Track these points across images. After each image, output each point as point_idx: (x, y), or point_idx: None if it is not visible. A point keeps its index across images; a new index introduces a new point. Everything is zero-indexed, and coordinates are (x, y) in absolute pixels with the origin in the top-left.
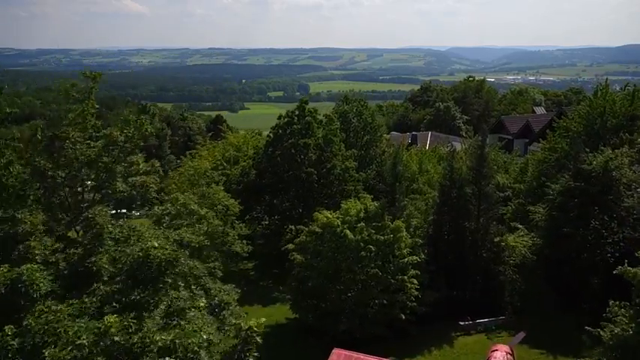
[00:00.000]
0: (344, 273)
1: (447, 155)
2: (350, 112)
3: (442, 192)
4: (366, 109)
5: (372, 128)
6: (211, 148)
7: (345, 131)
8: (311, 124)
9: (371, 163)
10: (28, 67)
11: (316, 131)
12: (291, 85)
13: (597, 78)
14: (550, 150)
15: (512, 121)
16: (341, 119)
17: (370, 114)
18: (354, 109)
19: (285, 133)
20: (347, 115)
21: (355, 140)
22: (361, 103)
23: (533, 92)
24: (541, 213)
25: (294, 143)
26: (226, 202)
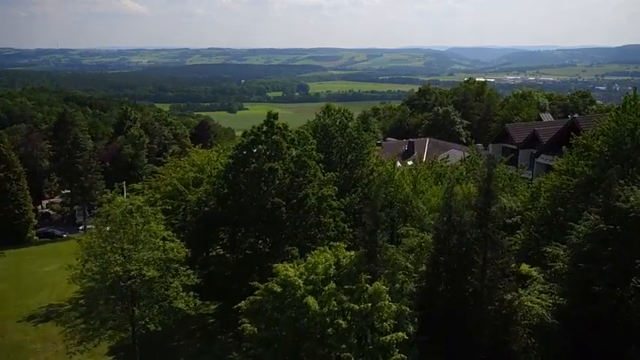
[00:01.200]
0: (305, 357)
1: (445, 191)
2: (332, 125)
3: (438, 238)
4: (351, 121)
5: (357, 144)
6: (172, 168)
7: (325, 149)
8: (280, 144)
9: (356, 185)
10: (27, 67)
11: (287, 152)
12: (290, 86)
13: (597, 78)
14: (567, 173)
15: (518, 129)
16: (321, 134)
17: (356, 127)
18: (336, 121)
19: (249, 155)
20: (328, 129)
21: (338, 158)
22: (345, 114)
23: (538, 96)
24: (562, 260)
25: (259, 168)
26: (169, 246)
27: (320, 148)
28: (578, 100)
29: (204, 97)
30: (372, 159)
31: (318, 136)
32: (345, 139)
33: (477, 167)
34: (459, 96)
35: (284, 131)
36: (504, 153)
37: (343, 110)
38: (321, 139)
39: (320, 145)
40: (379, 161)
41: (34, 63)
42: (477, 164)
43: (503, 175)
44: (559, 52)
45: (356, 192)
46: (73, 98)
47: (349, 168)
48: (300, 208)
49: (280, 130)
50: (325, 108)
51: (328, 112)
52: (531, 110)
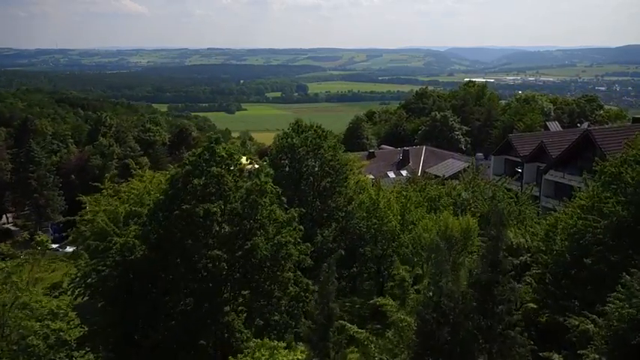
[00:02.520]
0: None
1: (433, 265)
2: (301, 146)
3: (422, 331)
4: (326, 139)
5: (333, 168)
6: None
7: (293, 175)
8: (222, 179)
9: (331, 218)
10: (26, 68)
11: (233, 189)
12: (289, 86)
13: (597, 78)
14: (592, 210)
15: (523, 140)
16: (288, 157)
17: (331, 146)
18: (307, 141)
19: (182, 192)
20: (296, 151)
21: (310, 186)
22: (318, 132)
23: (542, 100)
24: (597, 345)
25: (190, 210)
26: (55, 326)
27: (286, 175)
28: (585, 105)
29: (203, 98)
30: (351, 184)
31: (284, 160)
32: (317, 162)
33: (478, 188)
34: (458, 100)
35: (229, 160)
36: (507, 166)
37: (316, 127)
38: (288, 162)
39: (286, 171)
40: (361, 186)
41: (34, 63)
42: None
43: (509, 200)
44: (559, 52)
45: (330, 227)
46: (66, 99)
47: (323, 197)
48: (246, 262)
49: (224, 159)
50: (294, 124)
51: (297, 129)
52: (535, 116)
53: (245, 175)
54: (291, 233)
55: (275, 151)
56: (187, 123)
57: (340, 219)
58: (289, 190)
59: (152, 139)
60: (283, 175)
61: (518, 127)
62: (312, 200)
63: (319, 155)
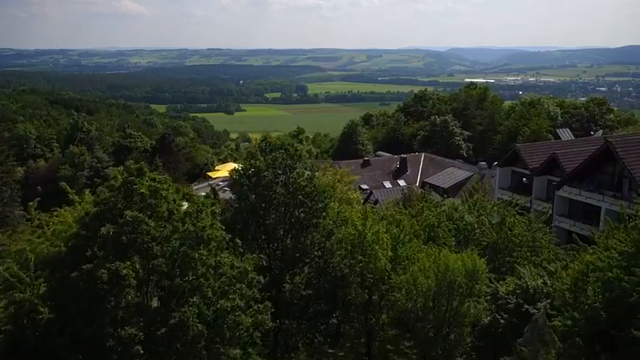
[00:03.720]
0: None
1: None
2: (268, 169)
3: None
4: (300, 160)
5: (309, 195)
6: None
7: (258, 205)
8: (140, 226)
9: (305, 257)
10: (25, 68)
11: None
12: (289, 86)
13: (598, 79)
14: (633, 259)
15: (532, 150)
16: (252, 182)
17: (308, 170)
18: (277, 162)
19: (90, 242)
20: (261, 176)
21: (280, 218)
22: (290, 151)
23: (548, 104)
24: None
25: (92, 272)
26: None
27: (250, 206)
28: (594, 109)
29: (202, 99)
30: (332, 214)
31: (247, 186)
32: (289, 188)
33: (484, 211)
34: (458, 103)
35: (157, 199)
36: (514, 179)
37: (288, 144)
38: (253, 189)
39: (251, 200)
40: (343, 217)
41: (33, 63)
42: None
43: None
44: (559, 52)
45: (304, 270)
46: (61, 100)
47: (295, 231)
48: (172, 341)
49: (144, 198)
50: (261, 141)
51: (265, 148)
52: (541, 120)
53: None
54: (242, 292)
55: (237, 177)
56: (183, 124)
57: (317, 258)
58: (253, 224)
59: (132, 145)
60: (246, 206)
61: (523, 133)
62: (282, 236)
63: (291, 180)
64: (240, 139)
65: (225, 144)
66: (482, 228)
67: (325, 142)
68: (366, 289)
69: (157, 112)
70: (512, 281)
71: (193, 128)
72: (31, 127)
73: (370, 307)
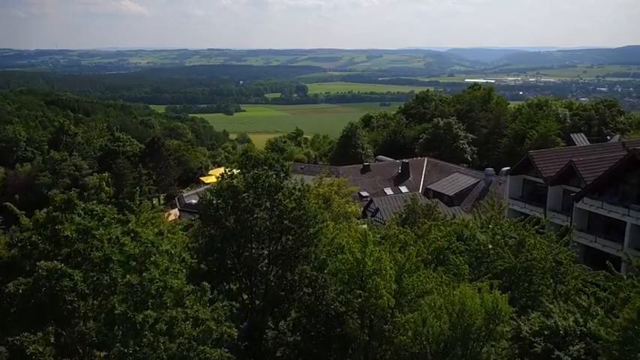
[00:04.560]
0: None
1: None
2: (249, 189)
3: None
4: (288, 177)
5: (297, 220)
6: None
7: (236, 233)
8: (60, 281)
9: (293, 293)
10: (25, 68)
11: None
12: (289, 87)
13: (598, 79)
14: None
15: (546, 158)
16: (229, 205)
17: (296, 189)
18: (260, 179)
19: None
20: (238, 198)
21: (265, 246)
22: (275, 166)
23: (556, 105)
24: None
25: None
26: None
27: (227, 233)
28: (604, 111)
29: (202, 99)
30: (325, 240)
31: (222, 210)
32: (274, 212)
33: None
34: (462, 105)
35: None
36: (526, 188)
37: (273, 159)
38: (230, 213)
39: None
40: (339, 243)
41: (33, 64)
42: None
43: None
44: (559, 52)
45: (290, 311)
46: (58, 101)
47: (282, 263)
48: None
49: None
50: (241, 156)
51: (245, 164)
52: (550, 123)
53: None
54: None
55: (210, 198)
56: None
57: (307, 295)
58: (230, 255)
59: (121, 149)
60: (222, 233)
61: (530, 136)
62: (265, 269)
63: (276, 202)
64: (238, 140)
65: (223, 146)
66: (498, 250)
67: (324, 144)
68: (366, 330)
69: (155, 112)
70: (538, 319)
71: (192, 129)
72: (21, 129)
73: (370, 350)
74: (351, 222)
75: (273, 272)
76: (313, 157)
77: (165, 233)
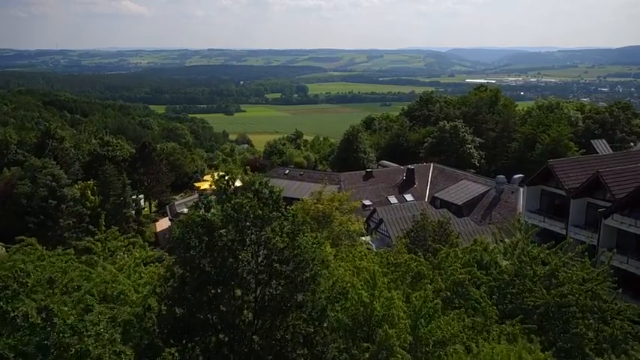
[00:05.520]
0: None
1: None
2: (228, 223)
3: None
4: (277, 207)
5: (289, 261)
6: None
7: (212, 279)
8: None
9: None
10: (25, 68)
11: None
12: (289, 87)
13: (600, 79)
14: None
15: (567, 167)
16: (204, 244)
17: (289, 220)
18: (243, 210)
19: None
20: (219, 235)
21: (249, 295)
22: (264, 193)
23: (568, 108)
24: None
25: None
26: None
27: (200, 280)
28: (618, 114)
29: (202, 99)
30: (324, 284)
31: (196, 249)
32: (260, 252)
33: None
34: (468, 107)
35: None
36: (545, 200)
37: (260, 184)
38: (205, 254)
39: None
40: (342, 287)
41: (33, 64)
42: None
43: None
44: (560, 53)
45: None
46: (56, 102)
47: (270, 316)
48: None
49: None
50: (218, 179)
51: (223, 189)
52: (562, 127)
53: None
54: None
55: (182, 233)
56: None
57: (302, 358)
58: (205, 306)
59: (110, 154)
60: (196, 279)
61: (542, 141)
62: (249, 325)
63: (263, 239)
64: (238, 141)
65: (222, 147)
66: (526, 281)
67: (324, 146)
68: None
69: (154, 113)
70: None
71: (191, 130)
72: (12, 131)
73: None
74: (355, 242)
75: (259, 325)
76: (313, 161)
77: (129, 267)
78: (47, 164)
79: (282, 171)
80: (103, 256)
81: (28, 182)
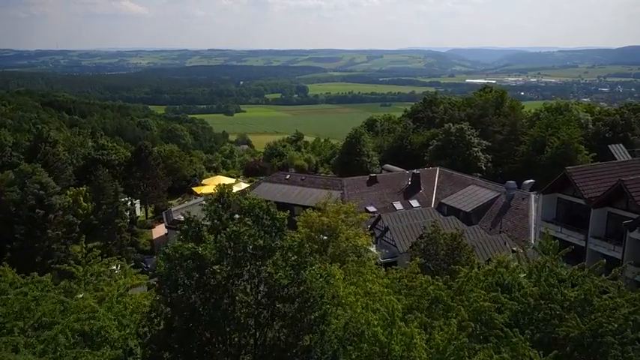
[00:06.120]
0: None
1: None
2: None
3: None
4: (281, 234)
5: (294, 299)
6: None
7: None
8: None
9: None
10: (25, 69)
11: None
12: (289, 87)
13: (600, 80)
14: None
15: (586, 175)
16: (194, 282)
17: (294, 250)
18: (240, 240)
19: None
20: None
21: (247, 339)
22: (265, 220)
23: (577, 110)
24: None
25: None
26: None
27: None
28: (629, 116)
29: (202, 99)
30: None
31: (184, 286)
32: (260, 290)
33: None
34: (474, 109)
35: None
36: (561, 209)
37: (260, 208)
38: (193, 292)
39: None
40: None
41: (33, 64)
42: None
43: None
44: (560, 53)
45: None
46: (55, 102)
47: None
48: None
49: None
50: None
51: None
52: (572, 129)
53: None
54: None
55: (166, 271)
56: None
57: None
58: (195, 353)
59: (105, 158)
60: (185, 321)
61: (551, 144)
62: None
63: (264, 276)
64: (238, 141)
65: (221, 149)
66: (555, 307)
67: (325, 148)
68: None
69: (154, 113)
70: None
71: (190, 131)
72: (7, 133)
73: None
74: (362, 258)
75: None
76: (314, 164)
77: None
78: (36, 170)
79: (283, 176)
80: (84, 281)
81: (17, 189)
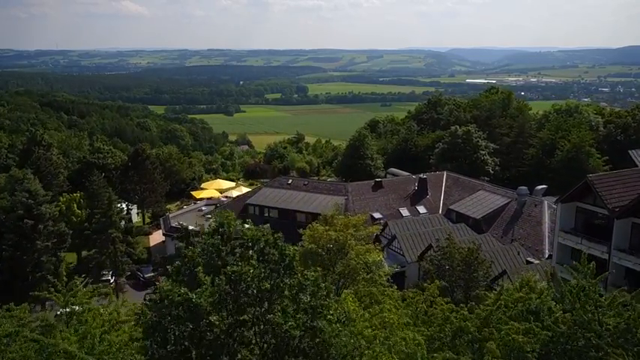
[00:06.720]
0: None
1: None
2: (221, 308)
3: None
4: (291, 272)
5: (312, 350)
6: None
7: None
8: None
9: None
10: (25, 69)
11: None
12: (289, 87)
13: (600, 80)
14: None
15: (609, 183)
16: (188, 331)
17: (306, 292)
18: (242, 286)
19: None
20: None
21: None
22: (271, 255)
23: (588, 111)
24: None
25: None
26: None
27: None
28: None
29: (202, 100)
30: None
31: (176, 336)
32: (266, 341)
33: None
34: (481, 110)
35: None
36: (580, 219)
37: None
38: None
39: None
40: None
41: (33, 64)
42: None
43: None
44: (560, 53)
45: None
46: (54, 102)
47: None
48: None
49: None
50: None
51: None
52: (583, 132)
53: None
54: None
55: (154, 321)
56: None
57: None
58: None
59: (101, 162)
60: None
61: (561, 147)
62: None
63: (271, 325)
64: (237, 142)
65: (221, 150)
66: (592, 337)
67: (327, 150)
68: None
69: (154, 113)
70: None
71: (190, 131)
72: (2, 135)
73: None
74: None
75: None
76: (316, 166)
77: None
78: (26, 177)
79: (285, 181)
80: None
81: (7, 195)
